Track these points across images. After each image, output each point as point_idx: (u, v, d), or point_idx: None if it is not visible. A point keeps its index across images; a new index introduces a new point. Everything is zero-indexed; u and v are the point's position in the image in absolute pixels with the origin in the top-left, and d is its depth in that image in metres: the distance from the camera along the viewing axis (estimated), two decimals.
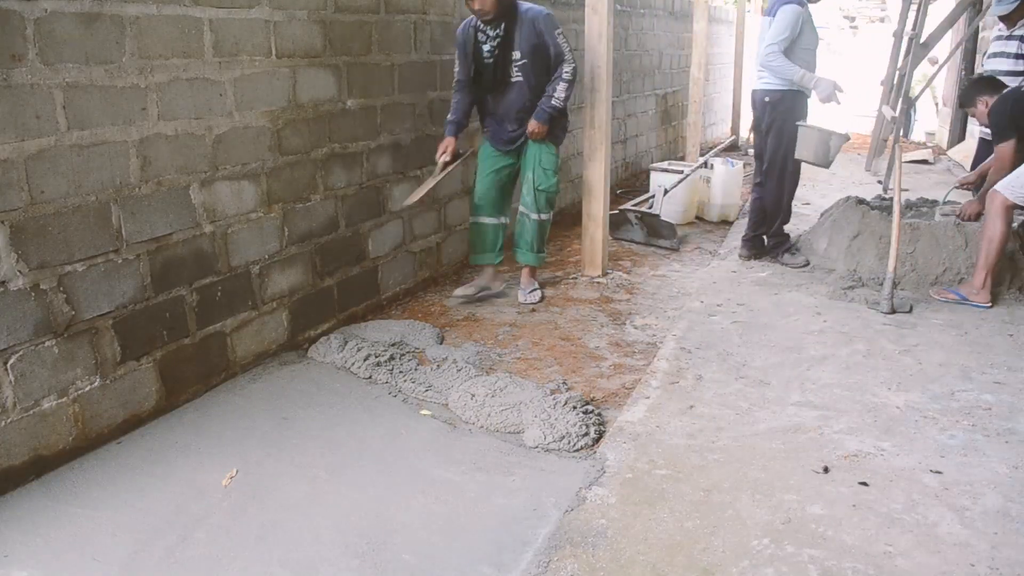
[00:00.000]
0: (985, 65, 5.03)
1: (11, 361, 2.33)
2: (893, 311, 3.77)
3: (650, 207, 5.50)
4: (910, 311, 3.81)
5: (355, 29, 3.57)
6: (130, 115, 2.59)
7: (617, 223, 5.49)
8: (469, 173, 4.65)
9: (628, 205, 5.67)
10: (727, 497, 2.31)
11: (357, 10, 3.57)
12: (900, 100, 6.74)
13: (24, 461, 2.39)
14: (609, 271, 4.64)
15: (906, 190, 5.17)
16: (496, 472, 2.50)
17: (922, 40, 6.84)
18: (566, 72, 3.79)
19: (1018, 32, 4.64)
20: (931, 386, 3.00)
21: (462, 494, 2.38)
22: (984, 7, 6.98)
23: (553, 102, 3.79)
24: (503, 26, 3.72)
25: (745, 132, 10.51)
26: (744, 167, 7.08)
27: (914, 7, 7.28)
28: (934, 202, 4.73)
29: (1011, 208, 3.70)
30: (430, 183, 3.83)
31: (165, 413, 2.83)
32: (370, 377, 3.15)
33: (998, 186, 3.73)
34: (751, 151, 9.64)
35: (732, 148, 9.54)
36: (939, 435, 2.64)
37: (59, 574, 2.03)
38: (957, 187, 4.74)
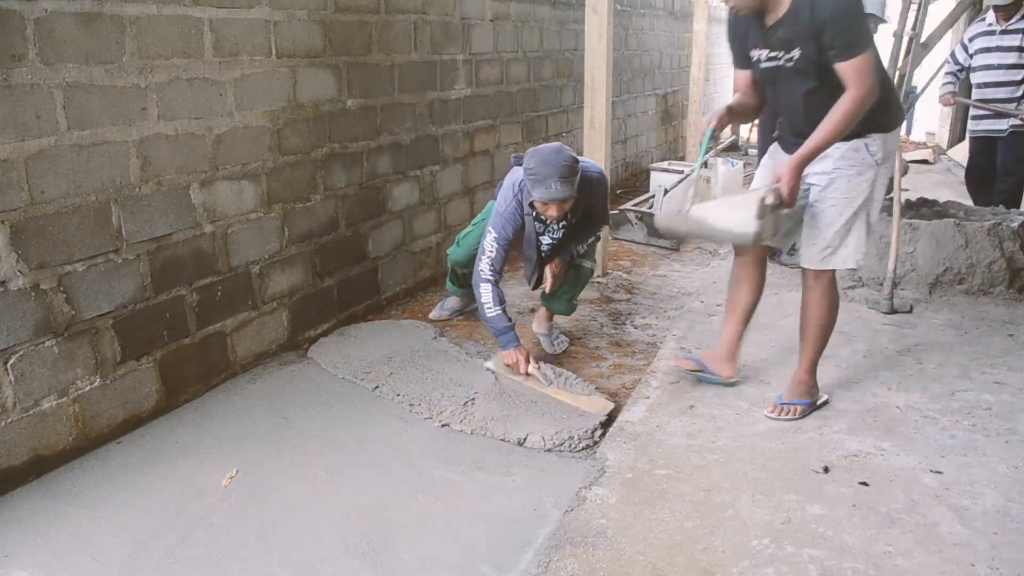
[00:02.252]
0: (974, 61, 4.88)
1: (11, 361, 2.33)
2: (893, 311, 3.77)
3: (650, 207, 5.50)
4: (910, 311, 3.81)
5: (355, 29, 3.57)
6: (130, 115, 2.59)
7: (617, 223, 5.49)
8: (471, 176, 4.66)
9: (628, 205, 5.67)
10: (727, 497, 2.31)
11: (357, 10, 3.57)
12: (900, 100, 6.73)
13: (24, 461, 2.39)
14: (609, 271, 4.64)
15: (906, 190, 5.16)
16: (496, 472, 2.50)
17: (922, 40, 6.83)
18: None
19: (1016, 25, 4.57)
20: (931, 386, 3.00)
21: (462, 494, 2.38)
22: (984, 7, 6.98)
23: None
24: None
25: (745, 132, 10.52)
26: (744, 167, 7.08)
27: (914, 7, 7.27)
28: (934, 202, 4.72)
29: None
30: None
31: (165, 413, 2.83)
32: (369, 374, 3.15)
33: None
34: (752, 151, 9.67)
35: (732, 148, 9.54)
36: (939, 435, 2.64)
37: (59, 574, 2.03)
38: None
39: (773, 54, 2.49)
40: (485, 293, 3.05)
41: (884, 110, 2.51)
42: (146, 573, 2.03)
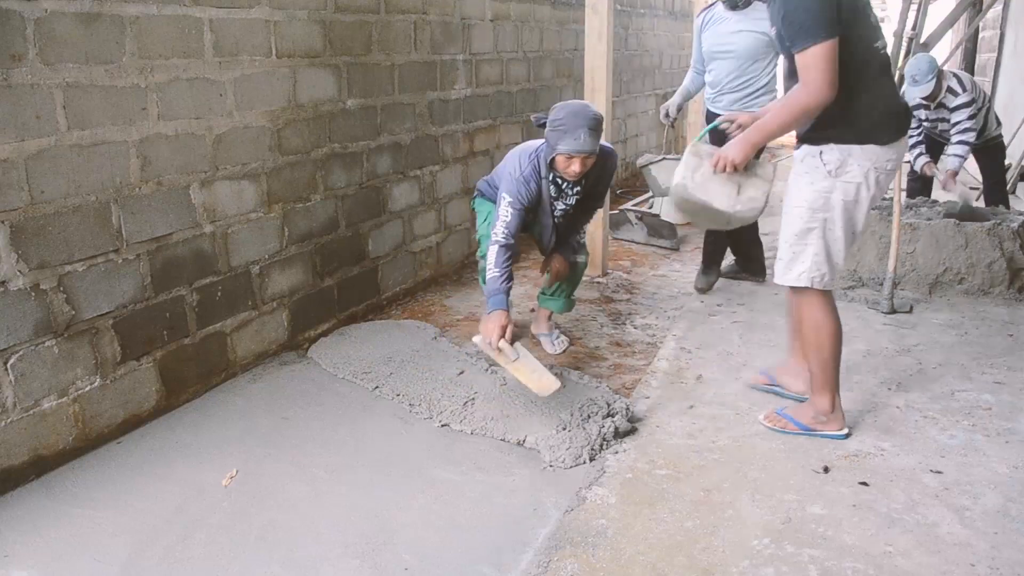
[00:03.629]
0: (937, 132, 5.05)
1: (11, 361, 2.33)
2: (893, 311, 3.77)
3: (650, 207, 5.50)
4: (910, 311, 3.81)
5: (355, 29, 3.57)
6: (130, 115, 2.59)
7: (617, 223, 5.49)
8: (471, 176, 4.66)
9: (628, 205, 5.67)
10: (727, 497, 2.31)
11: (357, 10, 3.57)
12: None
13: (24, 461, 2.39)
14: (609, 271, 4.64)
15: (905, 190, 5.16)
16: (496, 472, 2.50)
17: (922, 40, 6.84)
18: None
19: (941, 100, 4.70)
20: (931, 386, 3.00)
21: (462, 494, 2.38)
22: (984, 7, 6.98)
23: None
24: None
25: None
26: None
27: (914, 7, 7.27)
28: (934, 202, 4.73)
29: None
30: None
31: (165, 413, 2.83)
32: (369, 374, 3.15)
33: None
34: None
35: None
36: (939, 435, 2.64)
37: (59, 574, 2.03)
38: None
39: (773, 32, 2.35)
40: (491, 254, 2.93)
41: (845, 121, 2.29)
42: (146, 573, 2.03)
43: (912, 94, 4.67)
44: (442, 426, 2.79)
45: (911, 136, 5.01)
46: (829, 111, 2.23)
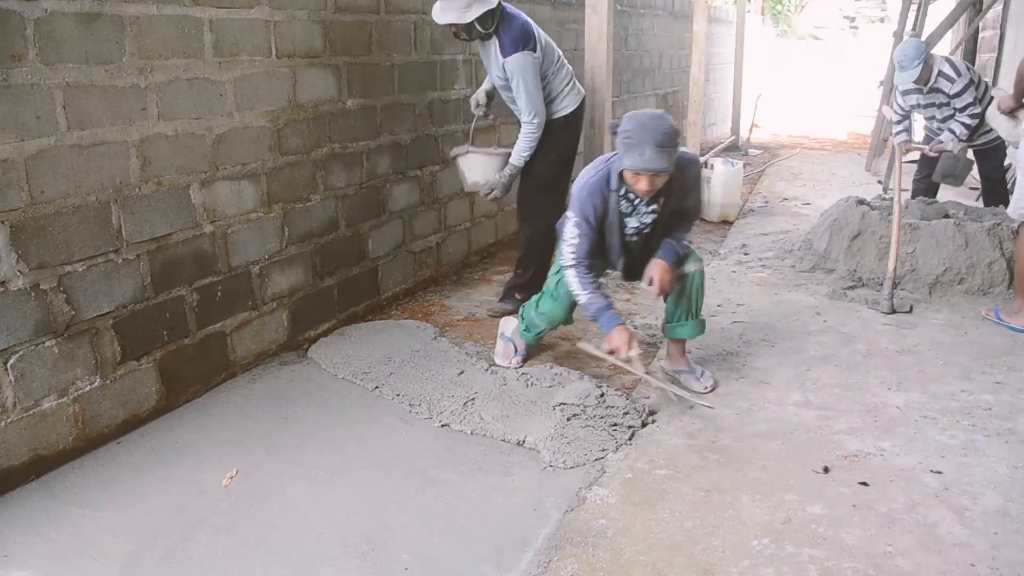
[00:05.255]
0: (924, 121, 5.09)
1: (11, 361, 2.33)
2: (893, 311, 3.77)
3: None
4: (910, 311, 3.81)
5: (355, 29, 3.57)
6: (130, 115, 2.59)
7: None
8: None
9: None
10: (727, 497, 2.31)
11: (357, 10, 3.57)
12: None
13: (24, 461, 2.39)
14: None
15: (906, 190, 5.17)
16: (496, 472, 2.50)
17: (922, 40, 6.84)
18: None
19: (933, 85, 4.69)
20: (931, 386, 3.00)
21: (462, 494, 2.38)
22: (984, 7, 6.98)
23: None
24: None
25: (745, 132, 10.52)
26: (744, 167, 7.08)
27: (914, 7, 7.28)
28: (934, 202, 4.73)
29: None
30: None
31: (165, 413, 2.83)
32: (369, 374, 3.15)
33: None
34: (752, 151, 9.68)
35: (732, 148, 9.54)
36: (939, 435, 2.64)
37: (59, 574, 2.03)
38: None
39: None
40: (571, 280, 2.78)
41: None
42: (146, 573, 2.03)
43: (900, 79, 4.67)
44: (442, 426, 2.79)
45: (896, 119, 5.04)
46: None
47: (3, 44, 2.21)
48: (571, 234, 2.78)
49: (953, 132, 4.63)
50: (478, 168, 3.69)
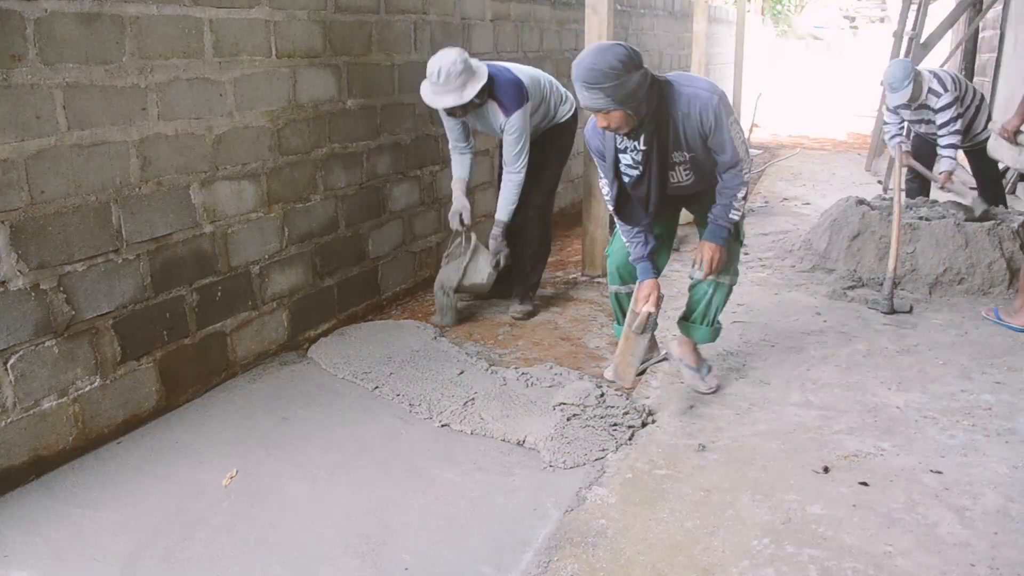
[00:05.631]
0: (920, 132, 5.08)
1: (11, 361, 2.33)
2: (893, 311, 3.77)
3: None
4: (910, 311, 3.81)
5: (355, 29, 3.57)
6: (130, 115, 2.59)
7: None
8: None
9: None
10: (727, 497, 2.31)
11: (357, 10, 3.57)
12: None
13: (24, 461, 2.39)
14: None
15: (905, 189, 5.16)
16: (496, 472, 2.50)
17: (922, 40, 6.84)
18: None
19: (923, 102, 4.68)
20: (931, 386, 3.00)
21: (462, 494, 2.38)
22: (984, 7, 6.98)
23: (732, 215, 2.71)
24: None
25: (745, 132, 10.51)
26: None
27: (914, 7, 7.28)
28: (934, 202, 4.73)
29: None
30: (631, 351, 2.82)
31: (165, 413, 2.83)
32: (369, 374, 3.15)
33: None
34: (752, 151, 9.66)
35: None
36: (939, 435, 2.64)
37: (59, 574, 2.03)
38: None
39: None
40: (618, 227, 2.79)
41: None
42: (146, 573, 2.03)
43: (892, 100, 4.70)
44: (442, 426, 2.79)
45: (891, 130, 5.03)
46: None
47: (3, 44, 2.21)
48: (601, 186, 2.78)
49: (950, 157, 4.64)
50: (475, 270, 3.74)
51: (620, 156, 2.66)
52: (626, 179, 2.68)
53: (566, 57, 5.80)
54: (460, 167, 3.73)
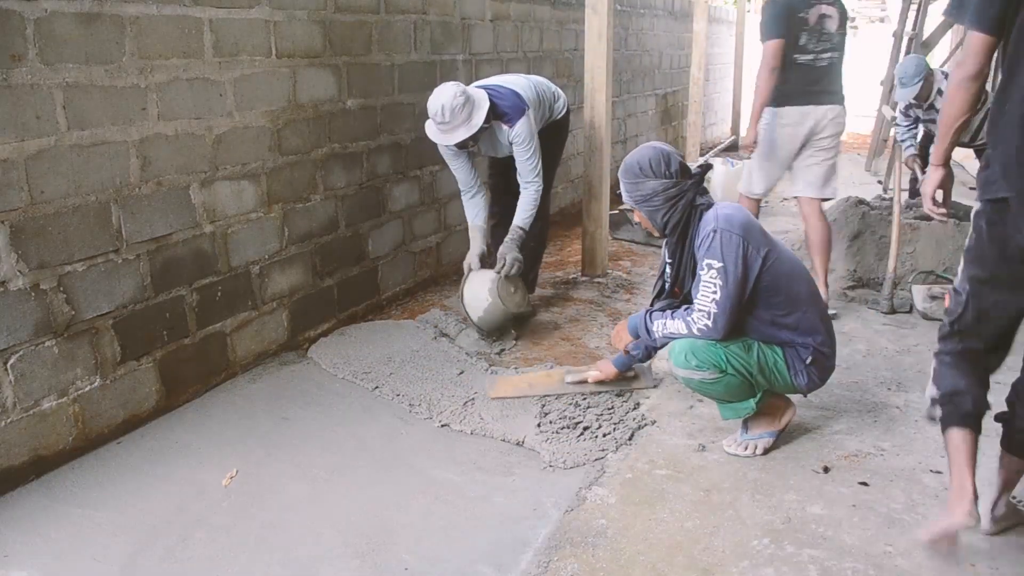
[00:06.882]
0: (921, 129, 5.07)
1: (11, 361, 2.33)
2: (893, 311, 3.77)
3: None
4: (910, 311, 3.81)
5: (355, 29, 3.57)
6: (130, 115, 2.59)
7: (617, 223, 5.49)
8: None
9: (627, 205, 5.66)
10: (727, 497, 2.31)
11: (357, 10, 3.57)
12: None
13: (24, 461, 2.39)
14: (609, 271, 4.64)
15: (906, 190, 5.17)
16: (496, 472, 2.50)
17: (922, 40, 6.84)
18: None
19: (931, 102, 4.69)
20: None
21: (462, 494, 2.38)
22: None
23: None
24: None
25: (745, 132, 10.52)
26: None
27: (914, 7, 7.28)
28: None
29: None
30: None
31: (165, 413, 2.83)
32: (369, 374, 3.15)
33: None
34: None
35: (732, 148, 9.54)
36: (939, 435, 2.63)
37: (59, 574, 2.03)
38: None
39: None
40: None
41: None
42: (146, 573, 2.03)
43: (900, 96, 4.67)
44: (442, 426, 2.79)
45: (902, 132, 5.00)
46: None
47: (3, 44, 2.21)
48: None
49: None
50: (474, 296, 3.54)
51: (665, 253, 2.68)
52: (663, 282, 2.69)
53: (566, 57, 5.80)
54: (473, 212, 3.67)
